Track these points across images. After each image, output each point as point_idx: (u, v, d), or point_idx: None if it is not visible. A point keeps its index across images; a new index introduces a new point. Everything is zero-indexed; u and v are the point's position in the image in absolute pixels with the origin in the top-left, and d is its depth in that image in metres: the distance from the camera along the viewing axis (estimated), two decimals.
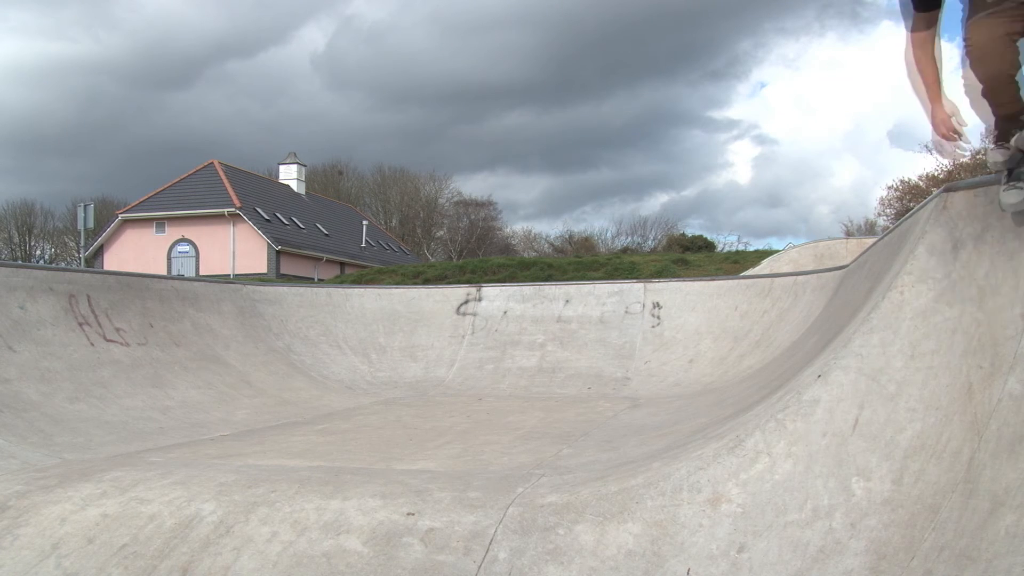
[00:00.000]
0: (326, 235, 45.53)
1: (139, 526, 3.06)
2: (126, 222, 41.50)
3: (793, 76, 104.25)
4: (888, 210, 38.60)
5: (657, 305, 9.14)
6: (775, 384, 4.20)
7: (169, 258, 40.53)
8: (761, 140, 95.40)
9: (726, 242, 53.96)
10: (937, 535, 2.42)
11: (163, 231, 41.05)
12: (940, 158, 5.33)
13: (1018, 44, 3.14)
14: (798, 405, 2.93)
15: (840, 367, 2.97)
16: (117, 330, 6.66)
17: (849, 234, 41.03)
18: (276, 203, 44.12)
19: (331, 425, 5.84)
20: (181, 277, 8.98)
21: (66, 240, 54.36)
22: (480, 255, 48.35)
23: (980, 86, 3.16)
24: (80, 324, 6.34)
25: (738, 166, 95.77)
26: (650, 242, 56.92)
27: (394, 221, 61.38)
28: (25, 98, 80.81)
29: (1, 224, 54.58)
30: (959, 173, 32.74)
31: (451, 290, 10.25)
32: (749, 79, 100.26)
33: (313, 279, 37.60)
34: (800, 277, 8.48)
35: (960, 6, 3.27)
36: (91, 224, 32.11)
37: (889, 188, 41.42)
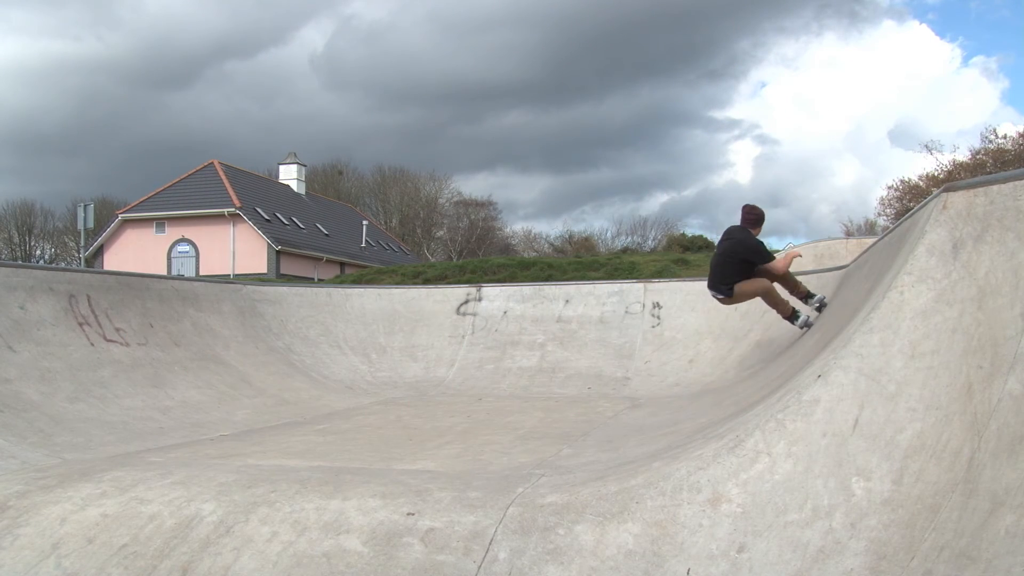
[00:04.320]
0: (326, 235, 45.52)
1: (139, 526, 3.06)
2: (126, 222, 41.47)
3: (793, 76, 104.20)
4: (888, 210, 38.61)
5: (657, 305, 9.14)
6: (775, 384, 4.20)
7: (169, 258, 40.50)
8: (762, 140, 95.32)
9: None
10: (937, 535, 2.41)
11: (163, 231, 41.02)
12: None
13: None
14: (798, 405, 2.93)
15: (840, 367, 2.97)
16: (117, 330, 6.66)
17: (849, 234, 41.03)
18: (276, 203, 44.11)
19: (331, 425, 5.84)
20: (181, 277, 8.98)
21: (66, 240, 54.35)
22: (480, 255, 48.34)
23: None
24: (80, 324, 6.34)
25: (739, 166, 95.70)
26: (650, 242, 56.90)
27: (394, 221, 61.37)
28: (25, 98, 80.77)
29: (1, 224, 54.56)
30: (959, 173, 32.76)
31: (451, 290, 10.26)
32: (748, 79, 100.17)
33: (313, 279, 37.59)
34: (800, 277, 8.48)
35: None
36: (91, 224, 32.09)
37: (889, 188, 41.44)
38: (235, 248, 39.88)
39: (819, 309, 6.78)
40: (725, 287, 6.89)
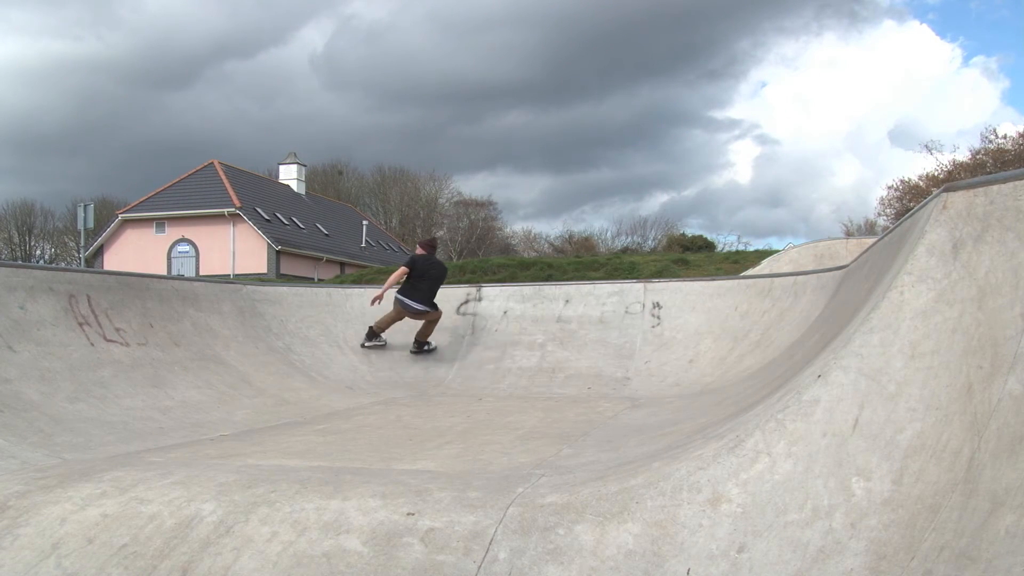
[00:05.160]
0: (326, 235, 45.52)
1: (139, 526, 3.06)
2: (126, 222, 41.49)
3: (793, 76, 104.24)
4: (888, 210, 38.63)
5: (657, 305, 9.14)
6: (775, 384, 4.20)
7: (169, 258, 40.51)
8: (762, 140, 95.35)
9: (726, 242, 53.99)
10: (937, 535, 2.42)
11: (163, 231, 41.03)
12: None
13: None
14: (798, 405, 2.93)
15: (840, 367, 2.97)
16: (117, 330, 6.66)
17: (849, 234, 41.05)
18: (276, 203, 44.11)
19: (331, 425, 5.84)
20: (181, 277, 8.98)
21: (66, 240, 54.37)
22: (480, 255, 48.33)
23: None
24: (80, 324, 6.34)
25: (739, 166, 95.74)
26: (650, 242, 56.90)
27: (394, 221, 61.37)
28: (25, 98, 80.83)
29: (1, 224, 54.58)
30: (959, 173, 32.75)
31: (451, 290, 10.25)
32: (748, 78, 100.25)
33: (313, 279, 37.58)
34: (800, 277, 8.48)
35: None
36: (91, 224, 32.09)
37: (889, 188, 41.47)
38: (235, 248, 39.88)
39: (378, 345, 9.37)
40: (434, 303, 9.17)
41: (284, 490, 3.25)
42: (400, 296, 9.06)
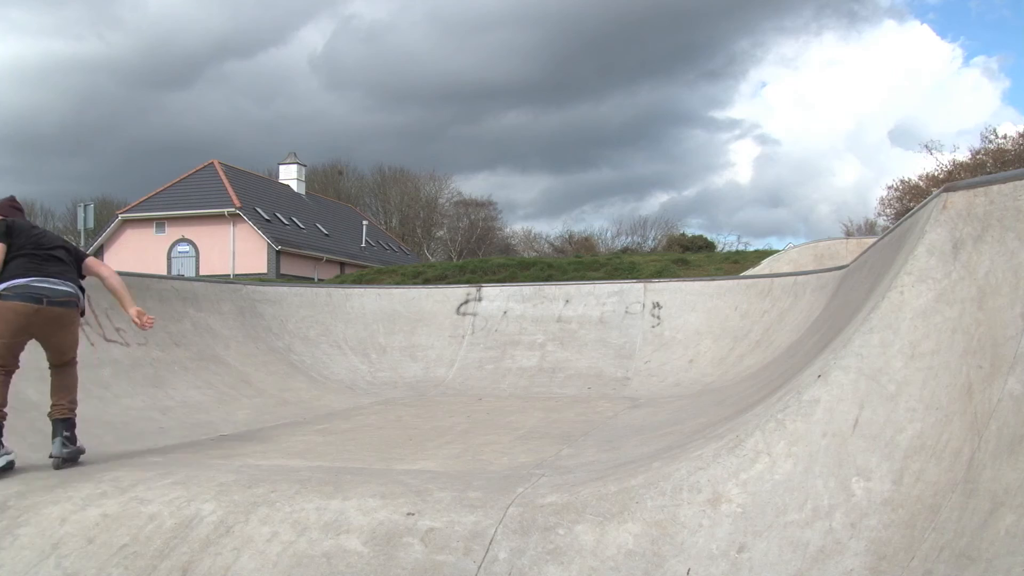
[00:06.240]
0: (326, 235, 45.51)
1: (139, 526, 3.06)
2: (126, 222, 41.47)
3: (793, 76, 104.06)
4: (888, 210, 38.59)
5: (657, 305, 9.14)
6: (775, 384, 4.20)
7: (169, 258, 40.50)
8: (763, 140, 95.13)
9: (726, 242, 53.93)
10: (937, 535, 2.42)
11: (163, 231, 41.02)
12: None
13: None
14: (798, 405, 2.93)
15: (840, 367, 2.97)
16: (117, 330, 6.65)
17: (849, 234, 41.01)
18: (276, 203, 44.10)
19: (331, 425, 5.84)
20: (181, 277, 8.98)
21: (66, 240, 54.35)
22: (480, 255, 48.32)
23: None
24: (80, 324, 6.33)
25: (739, 166, 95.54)
26: (650, 242, 56.86)
27: (394, 221, 61.36)
28: (25, 97, 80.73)
29: None
30: (959, 173, 32.76)
31: (451, 290, 10.26)
32: (748, 79, 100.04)
33: (313, 279, 37.57)
34: (800, 277, 8.49)
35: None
36: (91, 224, 32.09)
37: (889, 188, 41.41)
38: (235, 248, 39.87)
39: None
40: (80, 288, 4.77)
41: (284, 490, 3.25)
42: (17, 282, 4.27)
